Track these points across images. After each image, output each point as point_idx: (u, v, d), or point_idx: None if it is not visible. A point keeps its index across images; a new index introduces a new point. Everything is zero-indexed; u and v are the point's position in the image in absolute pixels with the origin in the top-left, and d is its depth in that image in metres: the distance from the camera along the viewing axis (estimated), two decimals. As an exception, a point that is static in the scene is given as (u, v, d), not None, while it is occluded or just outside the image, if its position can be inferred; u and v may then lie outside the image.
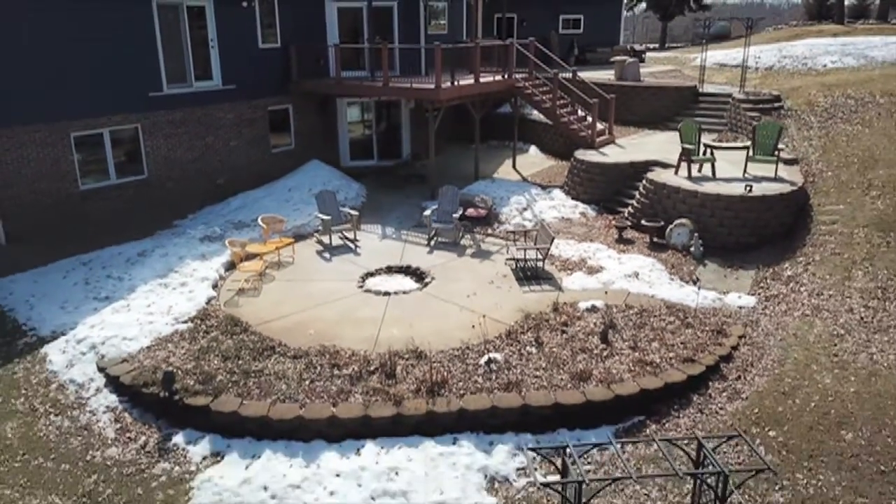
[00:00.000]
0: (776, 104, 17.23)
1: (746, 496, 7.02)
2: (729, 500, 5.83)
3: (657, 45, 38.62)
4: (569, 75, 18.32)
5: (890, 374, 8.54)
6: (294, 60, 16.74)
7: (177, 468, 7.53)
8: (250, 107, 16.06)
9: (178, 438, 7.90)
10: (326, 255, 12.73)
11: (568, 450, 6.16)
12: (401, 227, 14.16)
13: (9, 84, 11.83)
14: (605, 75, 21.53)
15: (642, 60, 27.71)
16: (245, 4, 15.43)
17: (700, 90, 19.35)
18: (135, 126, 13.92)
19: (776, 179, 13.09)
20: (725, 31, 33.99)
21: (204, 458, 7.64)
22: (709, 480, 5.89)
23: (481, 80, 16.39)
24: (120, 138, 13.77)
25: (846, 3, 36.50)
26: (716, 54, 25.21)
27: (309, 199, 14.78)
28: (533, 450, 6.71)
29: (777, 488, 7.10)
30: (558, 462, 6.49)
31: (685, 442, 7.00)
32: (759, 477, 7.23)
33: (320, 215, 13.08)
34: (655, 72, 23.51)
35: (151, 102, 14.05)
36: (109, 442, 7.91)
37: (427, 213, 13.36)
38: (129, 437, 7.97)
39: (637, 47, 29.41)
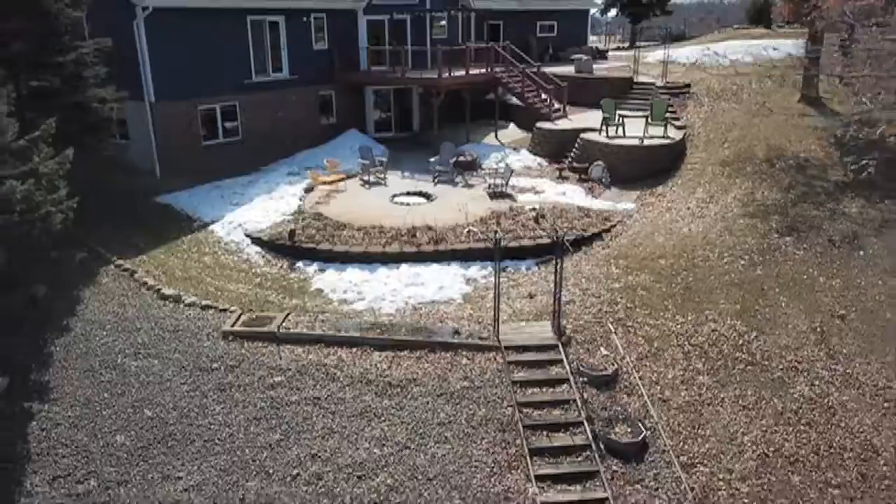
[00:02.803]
0: (685, 90, 23.79)
1: (595, 293, 13.59)
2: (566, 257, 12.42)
3: (628, 45, 45.04)
4: (535, 69, 24.85)
5: (696, 237, 15.11)
6: (336, 58, 23.27)
7: (301, 275, 14.18)
8: (307, 91, 22.59)
9: (299, 264, 14.54)
10: (367, 186, 19.29)
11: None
12: (414, 172, 20.63)
13: (165, 75, 18.37)
14: (570, 69, 28.00)
15: (605, 58, 34.20)
16: (304, 19, 21.97)
17: (635, 80, 25.85)
18: (234, 103, 20.50)
19: (664, 137, 19.65)
20: (681, 33, 40.43)
21: (315, 272, 14.28)
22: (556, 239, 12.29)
23: (471, 72, 22.98)
24: (225, 111, 20.35)
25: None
26: (660, 53, 31.67)
27: (350, 155, 21.30)
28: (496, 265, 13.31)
29: (614, 284, 13.66)
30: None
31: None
32: (611, 274, 13.85)
33: (362, 161, 19.67)
34: (610, 67, 29.95)
35: (245, 87, 20.63)
36: (261, 265, 14.58)
37: (432, 160, 19.93)
38: (272, 264, 14.64)
39: (601, 47, 35.87)
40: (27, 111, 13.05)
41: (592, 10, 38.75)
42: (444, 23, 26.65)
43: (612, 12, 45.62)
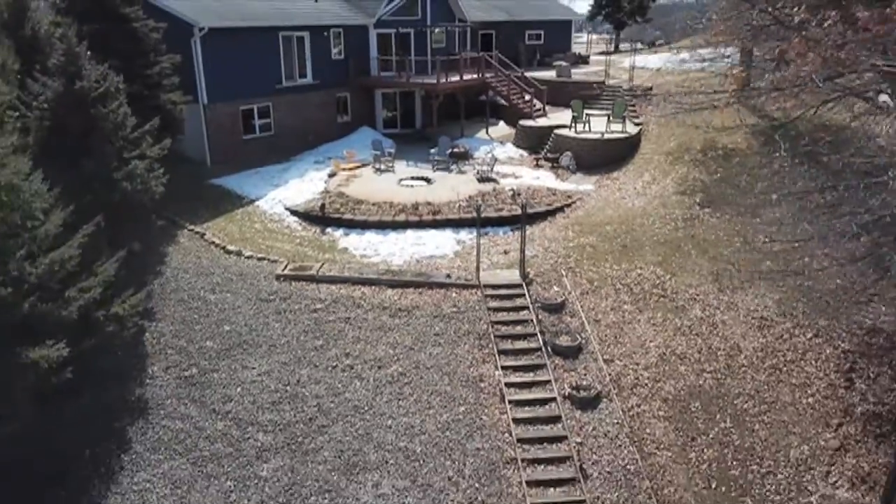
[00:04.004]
0: (647, 92, 27.97)
1: (554, 250, 17.83)
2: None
3: (612, 49, 49.18)
4: (519, 74, 29.06)
5: (637, 210, 19.31)
6: (351, 66, 27.49)
7: (331, 238, 18.46)
8: (327, 94, 26.83)
9: (328, 230, 18.82)
10: (378, 173, 23.51)
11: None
12: (417, 161, 24.84)
13: (215, 82, 22.60)
14: (552, 74, 32.17)
15: (587, 63, 38.37)
16: (325, 34, 26.20)
17: (606, 83, 30.03)
18: (268, 104, 24.76)
19: (622, 132, 23.87)
20: (656, 38, 44.57)
21: (341, 235, 18.56)
22: (523, 210, 16.56)
23: (465, 77, 27.20)
24: (261, 111, 24.61)
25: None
26: (636, 59, 35.84)
27: (363, 147, 25.54)
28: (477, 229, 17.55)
29: (569, 244, 17.89)
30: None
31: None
32: (567, 237, 18.08)
33: (374, 152, 23.92)
34: (587, 71, 34.16)
35: (277, 91, 24.87)
36: (299, 230, 18.86)
37: (432, 151, 24.18)
38: (307, 229, 18.91)
39: (584, 53, 40.00)
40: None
41: (579, 15, 42.85)
42: (442, 33, 30.91)
43: (598, 19, 49.62)
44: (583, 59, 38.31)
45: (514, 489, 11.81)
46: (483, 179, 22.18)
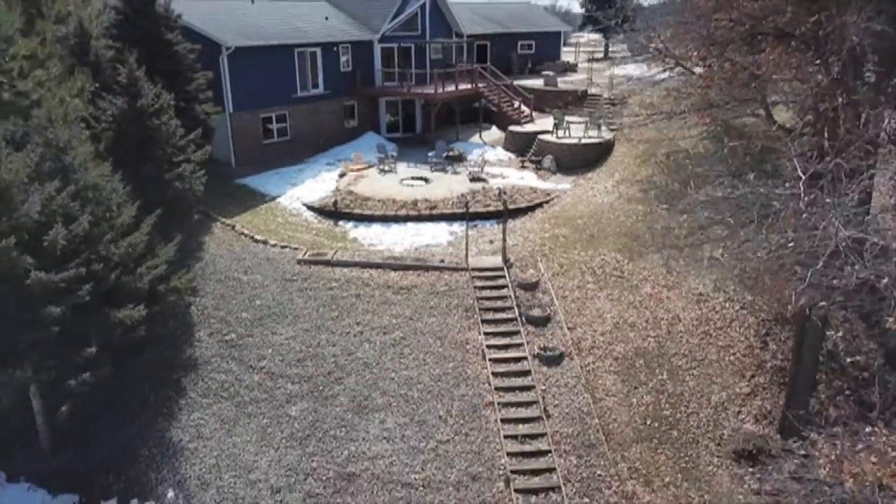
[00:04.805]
0: (624, 100, 31.04)
1: (531, 240, 20.97)
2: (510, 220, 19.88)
3: (602, 57, 52.12)
4: (508, 83, 32.18)
5: (605, 205, 22.43)
6: (358, 77, 30.61)
7: (342, 229, 21.61)
8: (336, 103, 29.95)
9: (340, 222, 21.98)
10: (382, 173, 26.65)
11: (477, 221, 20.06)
12: (417, 163, 27.97)
13: (239, 93, 25.74)
14: (541, 82, 35.25)
15: (575, 71, 41.41)
16: (335, 49, 29.33)
17: (588, 92, 33.13)
18: (285, 112, 27.90)
19: (598, 137, 26.98)
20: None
21: (351, 227, 21.71)
22: (504, 206, 19.71)
23: (460, 87, 30.32)
24: (279, 118, 27.76)
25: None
26: (615, 69, 38.87)
27: (369, 150, 28.69)
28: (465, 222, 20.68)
29: (545, 234, 21.03)
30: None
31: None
32: (543, 228, 21.21)
33: (378, 154, 27.07)
34: (574, 79, 37.22)
35: (293, 100, 28.01)
36: (315, 223, 22.02)
37: (430, 154, 27.31)
38: (322, 222, 22.06)
39: (571, 62, 43.04)
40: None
41: (577, 15, 45.92)
42: (440, 47, 34.03)
43: (588, 29, 52.68)
44: (571, 68, 41.35)
45: (490, 425, 14.95)
46: (474, 179, 25.32)
